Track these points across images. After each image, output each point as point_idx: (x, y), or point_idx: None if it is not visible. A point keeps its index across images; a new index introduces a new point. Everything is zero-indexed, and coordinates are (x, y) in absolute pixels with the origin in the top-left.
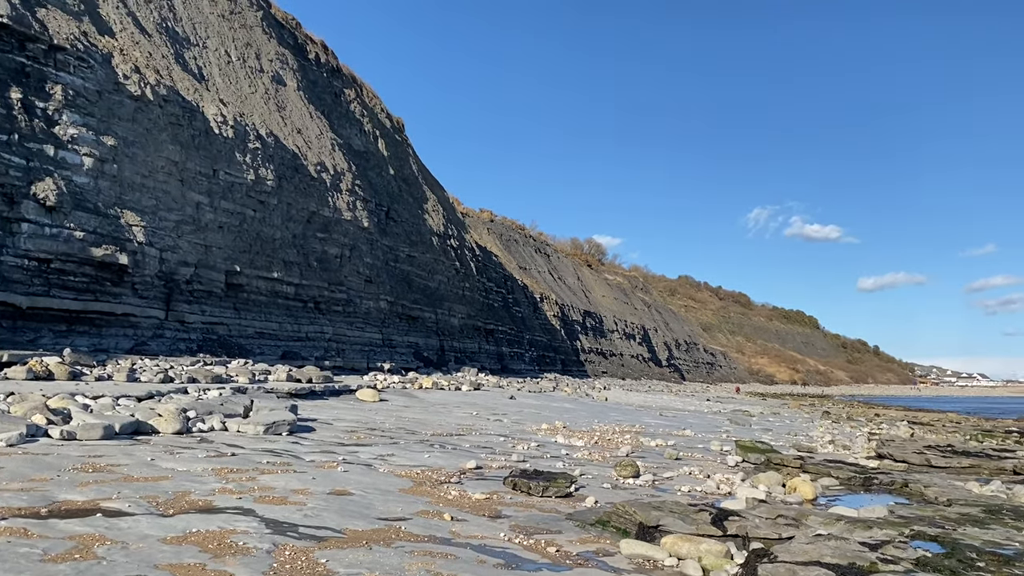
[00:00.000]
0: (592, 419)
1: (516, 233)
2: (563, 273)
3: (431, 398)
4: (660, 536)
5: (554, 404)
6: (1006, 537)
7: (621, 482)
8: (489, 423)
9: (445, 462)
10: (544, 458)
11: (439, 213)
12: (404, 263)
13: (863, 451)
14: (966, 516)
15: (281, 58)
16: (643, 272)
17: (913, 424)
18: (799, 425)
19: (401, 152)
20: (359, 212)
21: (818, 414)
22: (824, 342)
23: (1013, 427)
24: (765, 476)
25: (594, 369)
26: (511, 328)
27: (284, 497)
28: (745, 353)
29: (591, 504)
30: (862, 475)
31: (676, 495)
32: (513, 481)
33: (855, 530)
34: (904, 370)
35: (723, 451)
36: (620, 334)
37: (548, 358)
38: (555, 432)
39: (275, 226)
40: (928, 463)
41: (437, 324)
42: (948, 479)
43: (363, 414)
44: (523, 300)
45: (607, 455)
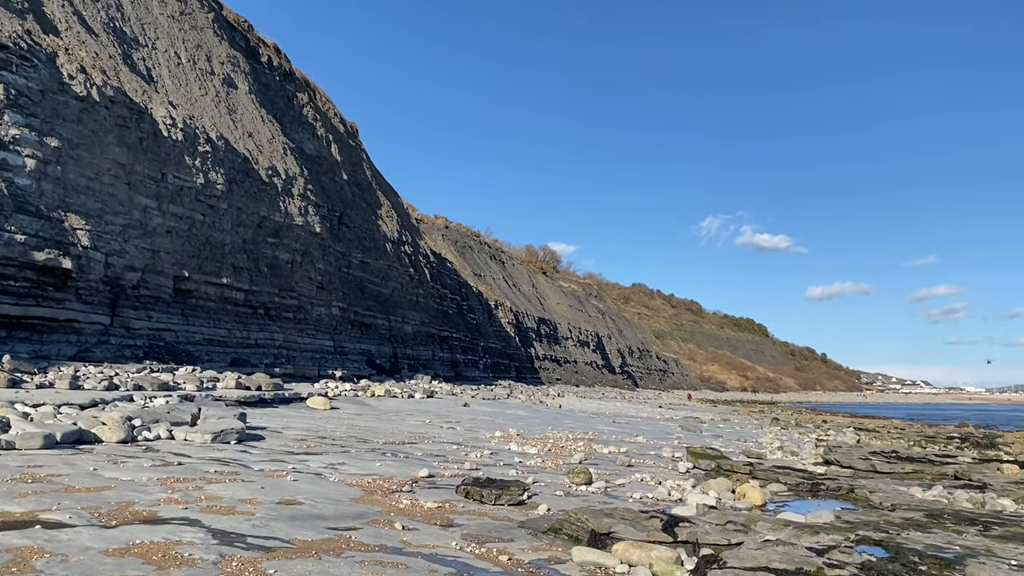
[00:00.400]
0: (546, 426)
1: (471, 240)
2: (518, 280)
3: (383, 406)
4: (612, 543)
5: (508, 411)
6: (947, 541)
7: (574, 489)
8: (442, 431)
9: (397, 471)
10: (497, 466)
11: (393, 219)
12: (357, 269)
13: (811, 457)
14: (909, 520)
15: (232, 60)
16: (597, 280)
17: (859, 430)
18: (749, 431)
19: (355, 157)
20: (311, 217)
21: (767, 421)
22: (773, 349)
23: (955, 433)
24: (715, 482)
25: (548, 376)
26: (465, 335)
27: (232, 507)
28: (697, 360)
29: (544, 512)
30: (810, 481)
31: (628, 502)
32: (466, 489)
33: (803, 535)
34: (851, 377)
35: (675, 458)
36: (574, 341)
37: (502, 365)
38: (509, 440)
39: (225, 231)
40: (873, 469)
41: (390, 331)
42: (892, 484)
43: (314, 422)
44: (478, 307)
45: (560, 462)
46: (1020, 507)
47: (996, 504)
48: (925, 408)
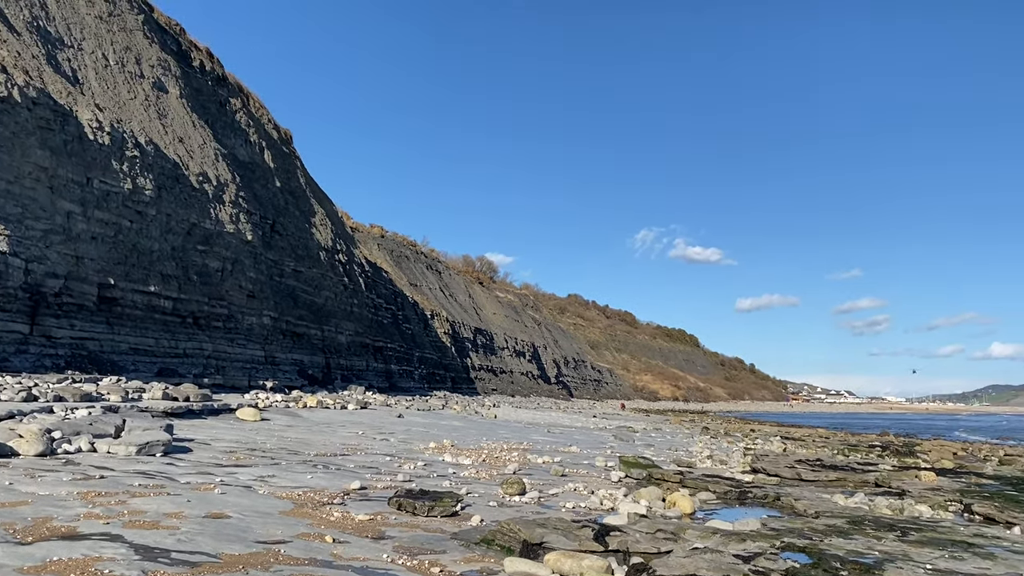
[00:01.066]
0: (481, 437)
1: (407, 249)
2: (454, 290)
3: (315, 417)
4: (544, 553)
5: (443, 422)
6: (867, 547)
7: (507, 500)
8: (375, 442)
9: (328, 483)
10: (431, 477)
11: (327, 227)
12: (289, 278)
13: (739, 466)
14: (832, 527)
15: (163, 64)
16: (534, 290)
17: (786, 439)
18: (680, 441)
19: (289, 164)
20: (243, 225)
21: (698, 430)
22: (704, 360)
23: (876, 442)
24: (646, 491)
25: (484, 386)
26: (401, 345)
27: (156, 521)
28: (630, 370)
29: (477, 523)
30: (738, 489)
31: (561, 511)
32: (398, 501)
33: (730, 543)
34: (778, 387)
35: (607, 467)
36: (510, 351)
37: (438, 376)
38: (443, 451)
39: (153, 238)
40: (799, 477)
41: (323, 341)
42: (817, 492)
43: (243, 434)
44: (413, 317)
45: (494, 473)
46: (936, 513)
47: (914, 510)
48: (848, 417)
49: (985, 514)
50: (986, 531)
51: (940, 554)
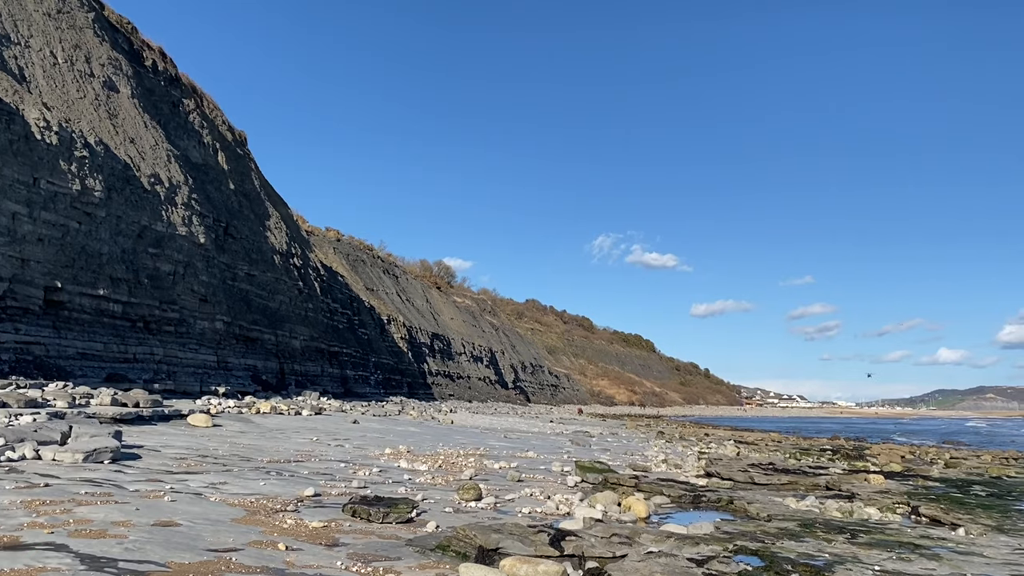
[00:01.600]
0: (437, 443)
1: (364, 253)
2: (412, 295)
3: (269, 423)
4: (500, 559)
5: (399, 428)
6: (818, 549)
7: (463, 505)
8: (330, 449)
9: (282, 490)
10: (386, 483)
11: (282, 231)
12: (243, 282)
13: (693, 470)
14: (784, 530)
15: (114, 63)
16: (491, 295)
17: (739, 443)
18: (636, 445)
19: (243, 167)
20: (195, 227)
21: (653, 434)
22: (660, 365)
23: (827, 446)
24: (602, 496)
25: (441, 392)
26: (356, 350)
27: (103, 530)
28: (587, 375)
29: (432, 529)
30: (692, 493)
31: (517, 517)
32: (353, 508)
33: (684, 547)
34: (732, 392)
35: (564, 472)
36: (468, 357)
37: (394, 381)
38: (399, 457)
39: (102, 240)
40: (752, 480)
41: (277, 346)
42: (769, 495)
43: (195, 440)
44: (370, 322)
45: (451, 479)
46: (884, 515)
47: (863, 513)
48: (800, 421)
49: (931, 516)
50: (932, 533)
51: (888, 556)
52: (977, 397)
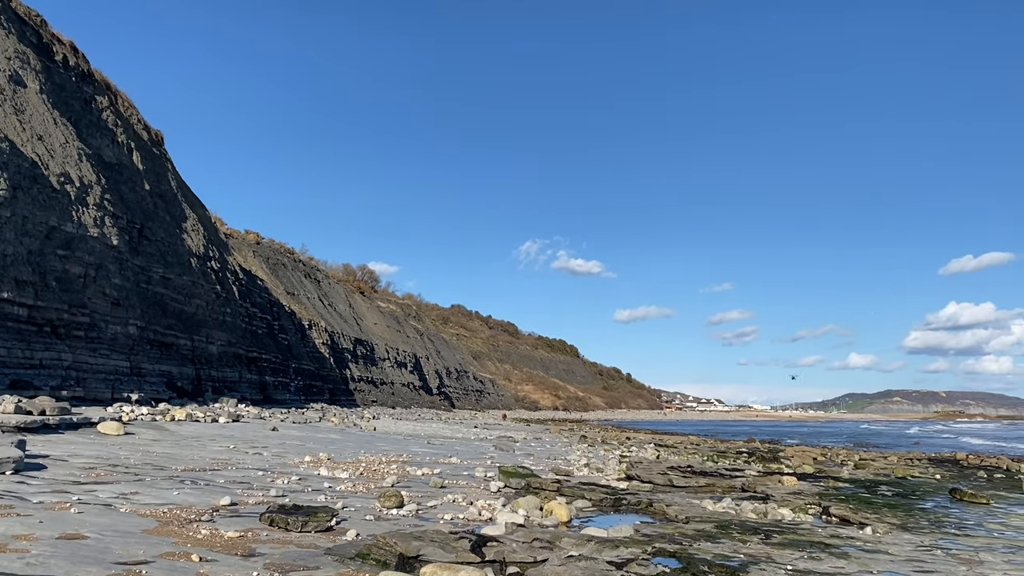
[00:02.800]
0: (359, 449)
1: (284, 257)
2: (334, 300)
3: (184, 431)
4: (420, 566)
5: (319, 435)
6: (733, 550)
7: (385, 513)
8: (248, 456)
9: (196, 499)
10: (306, 491)
11: (199, 233)
12: (158, 285)
13: (615, 473)
14: (701, 532)
15: (21, 57)
16: (416, 300)
17: (659, 446)
18: (559, 449)
19: (159, 167)
20: (108, 229)
21: (576, 438)
22: (584, 370)
23: (743, 448)
24: (524, 500)
25: (364, 398)
26: (276, 356)
27: (3, 544)
28: (512, 380)
29: (352, 537)
30: (613, 496)
31: (439, 523)
32: (270, 517)
33: (604, 550)
34: (653, 396)
35: (487, 477)
36: (392, 362)
37: (315, 387)
38: (319, 464)
39: (7, 241)
40: (671, 483)
41: (194, 351)
42: (687, 497)
43: (105, 449)
44: (290, 327)
45: (372, 486)
46: (797, 516)
47: (776, 514)
48: (718, 424)
49: (841, 516)
50: (842, 532)
51: (800, 555)
52: (885, 400)
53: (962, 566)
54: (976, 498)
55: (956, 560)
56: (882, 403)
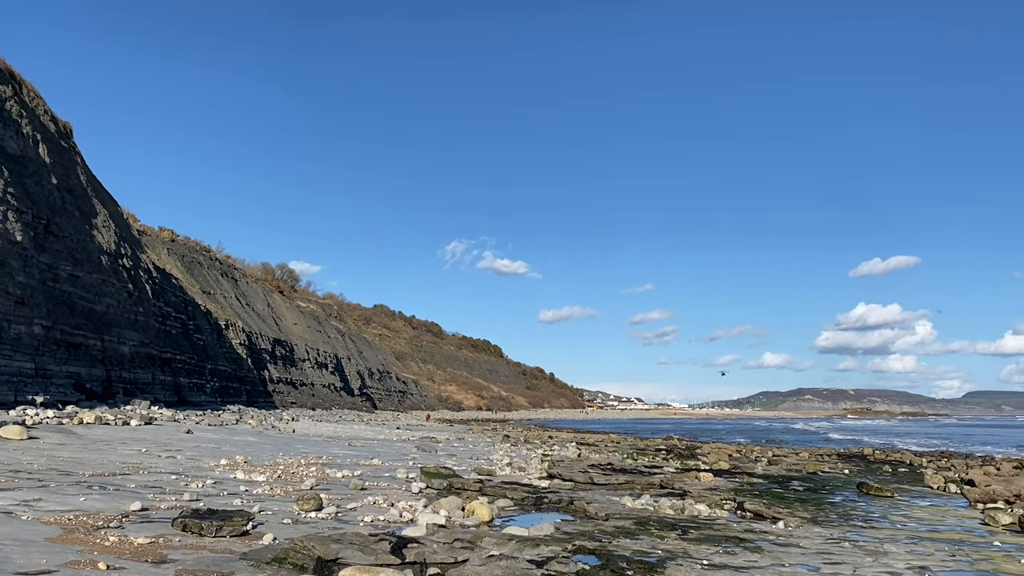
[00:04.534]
0: (277, 452)
1: (200, 255)
2: (252, 299)
3: (93, 434)
4: (339, 569)
5: (236, 438)
6: (652, 546)
7: (303, 516)
8: (160, 460)
9: (105, 505)
10: (221, 495)
11: (111, 229)
12: (66, 283)
13: (537, 472)
14: (621, 529)
15: None
16: (338, 300)
17: (581, 445)
18: (481, 449)
19: (67, 160)
20: (11, 224)
21: (499, 438)
22: (507, 369)
23: (662, 445)
24: (446, 501)
25: (283, 400)
26: (191, 357)
27: None
28: (435, 381)
29: (269, 541)
30: (535, 495)
31: (359, 526)
32: (183, 522)
33: (525, 549)
34: (575, 395)
35: (409, 478)
36: (312, 363)
37: (232, 389)
38: (235, 467)
39: None
40: (592, 481)
41: (104, 352)
42: (607, 495)
43: (7, 454)
44: (206, 327)
45: (290, 489)
46: (713, 511)
47: (693, 509)
48: (638, 422)
49: (755, 511)
50: (755, 526)
51: (715, 550)
52: (796, 398)
53: (868, 557)
54: (881, 492)
55: (862, 551)
56: (794, 401)
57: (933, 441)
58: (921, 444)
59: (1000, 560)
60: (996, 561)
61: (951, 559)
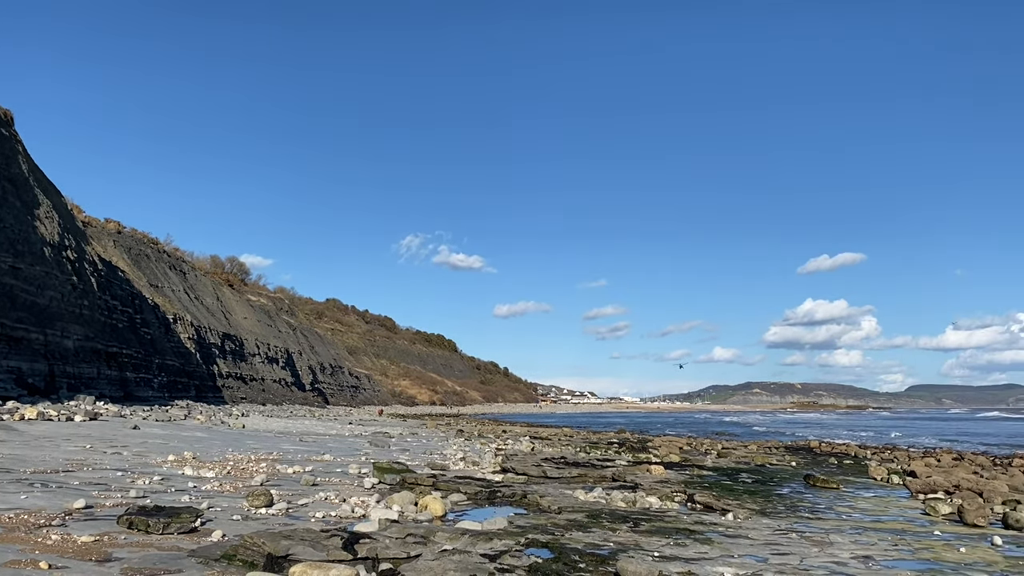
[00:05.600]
0: (227, 448)
1: (148, 247)
2: (201, 293)
3: (35, 430)
4: (289, 566)
5: (184, 433)
6: (604, 538)
7: (253, 512)
8: (106, 456)
9: (47, 503)
10: (169, 492)
11: (54, 220)
12: (7, 275)
13: (491, 466)
14: (573, 522)
15: None
16: (289, 294)
17: (534, 439)
18: (435, 444)
19: (8, 149)
20: None
21: (453, 433)
22: (461, 364)
23: (614, 439)
24: (399, 496)
25: (232, 395)
26: (138, 351)
27: None
28: (389, 376)
29: (218, 538)
30: (488, 489)
31: (310, 522)
32: (129, 519)
33: (478, 543)
34: (529, 389)
35: (361, 474)
36: (262, 358)
37: (181, 384)
38: (183, 464)
39: None
40: (545, 474)
41: (47, 346)
42: (560, 488)
43: None
44: (153, 321)
45: (240, 485)
46: (664, 504)
47: (645, 502)
48: (591, 416)
49: (705, 503)
50: (705, 518)
51: (666, 542)
52: (745, 392)
53: (814, 547)
54: (828, 483)
55: (809, 542)
56: (743, 394)
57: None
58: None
59: (940, 549)
60: (936, 550)
61: (893, 548)
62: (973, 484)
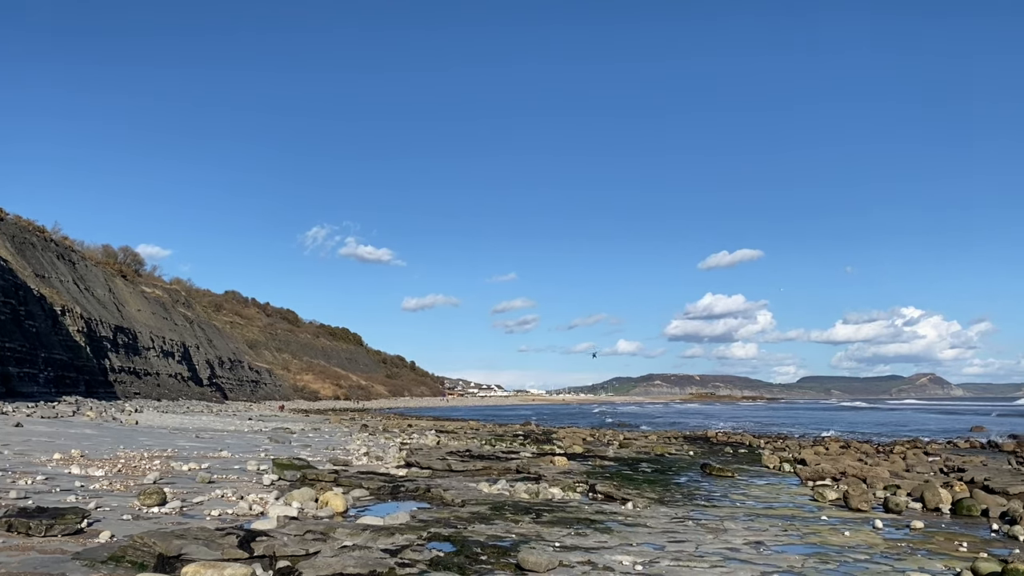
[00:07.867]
0: (118, 445)
1: (33, 236)
2: (92, 284)
3: None
4: (182, 566)
5: (72, 431)
6: (506, 530)
7: (144, 512)
8: None
9: None
10: (53, 492)
11: None
12: None
13: (394, 461)
14: (476, 514)
15: None
16: (186, 286)
17: (440, 432)
18: (338, 440)
19: None
20: None
21: (357, 428)
22: (367, 358)
23: (519, 431)
24: (299, 493)
25: (126, 390)
26: (22, 345)
27: None
28: (291, 370)
29: (106, 539)
30: (391, 484)
31: (205, 520)
32: (8, 521)
33: (379, 538)
34: (436, 383)
35: (260, 470)
36: (157, 352)
37: (69, 379)
38: (70, 462)
39: None
40: (450, 468)
41: None
42: (465, 481)
43: None
44: (39, 313)
45: (131, 484)
46: (566, 494)
47: (548, 493)
48: (498, 409)
49: (606, 493)
50: (606, 508)
51: (567, 532)
52: (647, 384)
53: (709, 534)
54: (723, 472)
55: (705, 529)
56: (645, 386)
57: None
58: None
59: (826, 533)
60: (823, 534)
61: (784, 534)
62: (858, 471)
